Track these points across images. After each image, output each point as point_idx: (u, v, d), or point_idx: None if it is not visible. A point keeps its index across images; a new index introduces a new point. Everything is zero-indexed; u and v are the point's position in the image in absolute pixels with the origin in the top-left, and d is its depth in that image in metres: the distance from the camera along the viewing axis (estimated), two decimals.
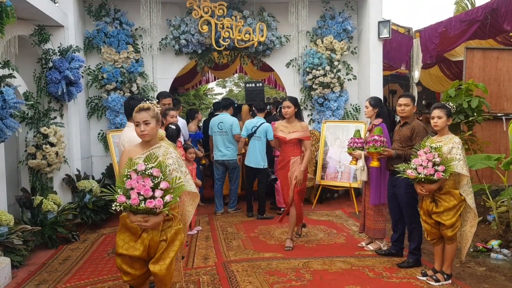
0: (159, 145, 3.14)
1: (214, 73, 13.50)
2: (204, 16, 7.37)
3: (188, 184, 3.15)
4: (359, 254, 5.06)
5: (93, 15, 7.47)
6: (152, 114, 3.06)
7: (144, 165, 2.80)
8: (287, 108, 5.16)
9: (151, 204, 2.70)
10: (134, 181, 2.74)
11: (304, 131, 5.20)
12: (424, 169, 3.91)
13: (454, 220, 4.01)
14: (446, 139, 4.10)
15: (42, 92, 6.17)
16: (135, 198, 2.70)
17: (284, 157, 5.29)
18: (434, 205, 4.09)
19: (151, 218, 2.81)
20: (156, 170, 2.79)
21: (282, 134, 5.25)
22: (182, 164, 3.17)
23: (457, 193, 4.02)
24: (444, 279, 4.11)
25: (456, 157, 3.95)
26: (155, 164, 2.83)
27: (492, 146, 7.32)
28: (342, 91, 8.04)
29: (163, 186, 2.77)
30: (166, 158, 3.05)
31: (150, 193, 2.72)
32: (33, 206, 5.49)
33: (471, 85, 6.79)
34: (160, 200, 2.72)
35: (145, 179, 2.75)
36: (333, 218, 6.77)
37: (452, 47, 8.80)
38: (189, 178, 3.17)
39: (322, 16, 8.12)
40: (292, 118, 5.24)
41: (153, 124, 3.07)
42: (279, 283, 4.19)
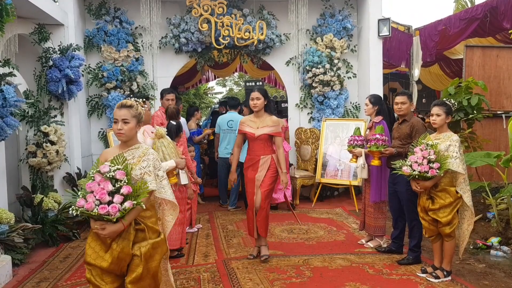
0: (137, 145, 2.84)
1: (214, 72, 13.48)
2: (204, 14, 7.38)
3: (163, 190, 2.83)
4: (359, 251, 5.07)
5: (93, 14, 7.48)
6: (133, 113, 2.78)
7: (108, 167, 2.54)
8: (256, 100, 4.62)
9: (103, 210, 2.43)
10: (95, 183, 2.50)
11: (275, 126, 4.65)
12: (419, 166, 3.92)
13: (450, 217, 4.01)
14: (445, 136, 4.11)
15: (43, 90, 6.17)
16: (90, 203, 2.45)
17: (253, 156, 4.72)
18: (430, 202, 4.11)
19: (108, 226, 2.52)
20: (119, 173, 2.52)
21: (249, 129, 4.66)
22: (160, 167, 2.84)
23: (453, 190, 4.03)
24: (444, 275, 4.12)
25: (453, 155, 3.96)
26: (121, 166, 2.56)
27: (492, 144, 7.33)
28: (342, 89, 8.04)
29: (124, 191, 2.48)
30: (141, 160, 2.75)
31: (107, 198, 2.46)
32: (33, 205, 5.50)
33: (470, 83, 6.80)
34: (115, 207, 2.44)
35: (105, 182, 2.50)
36: (333, 216, 6.78)
37: (451, 45, 8.81)
38: (165, 183, 2.84)
39: (322, 14, 8.12)
40: (261, 111, 4.69)
41: (133, 124, 2.78)
42: (279, 280, 4.20)
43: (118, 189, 2.50)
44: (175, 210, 3.01)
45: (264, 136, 4.63)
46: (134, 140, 2.87)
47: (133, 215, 2.59)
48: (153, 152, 2.84)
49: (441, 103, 4.17)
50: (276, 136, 4.68)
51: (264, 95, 4.64)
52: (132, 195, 2.53)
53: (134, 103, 2.83)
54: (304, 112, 8.27)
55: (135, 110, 2.80)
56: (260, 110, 4.69)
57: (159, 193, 2.80)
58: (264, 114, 4.70)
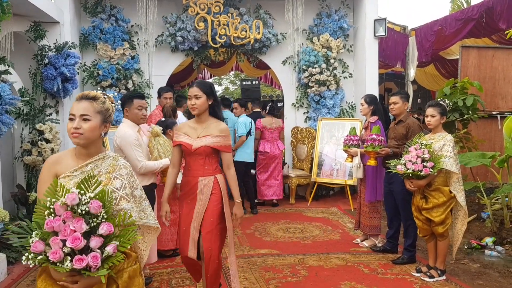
0: (103, 155, 2.10)
1: (210, 71, 13.48)
2: (200, 13, 7.37)
3: (144, 214, 2.16)
4: (354, 250, 5.09)
5: (89, 12, 7.45)
6: (97, 108, 2.06)
7: (77, 196, 1.79)
8: (194, 99, 3.25)
9: (80, 264, 1.70)
10: (58, 221, 1.75)
11: (222, 136, 3.28)
12: (413, 164, 3.96)
13: (443, 217, 4.04)
14: (439, 136, 4.13)
15: (38, 88, 6.15)
16: (57, 252, 1.70)
17: (189, 178, 3.35)
18: (424, 201, 4.13)
19: (81, 280, 1.80)
20: (95, 205, 1.79)
21: (186, 139, 3.30)
22: (137, 184, 2.14)
23: (447, 190, 4.05)
24: (438, 275, 4.15)
25: (447, 154, 3.98)
26: (93, 194, 1.83)
27: (487, 144, 7.36)
28: (338, 89, 8.06)
29: (103, 231, 1.78)
30: (111, 177, 2.04)
31: (82, 244, 1.72)
32: (28, 203, 5.48)
33: (466, 83, 6.83)
34: (97, 256, 1.73)
35: (76, 220, 1.76)
36: (329, 215, 6.79)
37: (447, 45, 8.84)
38: (146, 206, 2.17)
39: (318, 14, 8.13)
40: (204, 115, 3.32)
41: (95, 122, 2.03)
42: (275, 279, 4.21)
43: (94, 228, 1.79)
44: (157, 232, 2.30)
45: (205, 149, 3.25)
46: (98, 146, 2.12)
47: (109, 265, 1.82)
48: (125, 163, 2.14)
49: (436, 104, 4.19)
50: (224, 152, 3.32)
51: (207, 92, 3.27)
52: (112, 235, 1.83)
53: (100, 95, 2.12)
54: (300, 112, 8.28)
55: (101, 104, 2.08)
56: (202, 114, 3.30)
57: (140, 218, 2.12)
58: (208, 119, 3.34)
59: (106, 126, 2.10)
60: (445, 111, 4.18)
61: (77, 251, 1.73)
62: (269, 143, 7.35)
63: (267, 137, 7.36)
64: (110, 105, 2.14)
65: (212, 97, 3.31)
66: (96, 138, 2.07)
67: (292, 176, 7.59)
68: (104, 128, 2.10)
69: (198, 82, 3.35)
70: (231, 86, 25.45)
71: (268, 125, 7.35)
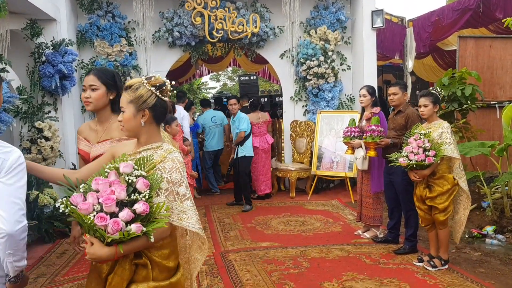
0: (156, 145, 2.01)
1: (208, 66, 13.47)
2: (197, 7, 7.35)
3: (184, 216, 1.93)
4: (356, 242, 5.10)
5: (85, 9, 7.42)
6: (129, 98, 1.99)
7: (131, 167, 1.80)
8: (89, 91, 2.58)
9: (100, 221, 1.66)
10: (105, 182, 1.76)
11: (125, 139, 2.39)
12: (415, 155, 3.96)
13: (447, 204, 4.06)
14: (435, 125, 4.16)
15: (36, 86, 6.13)
16: (89, 204, 1.70)
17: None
18: (427, 190, 4.14)
19: (96, 244, 1.72)
20: (143, 182, 1.77)
21: (84, 146, 2.67)
22: (181, 181, 1.95)
23: (451, 177, 4.06)
24: (441, 264, 4.16)
25: (446, 141, 4.01)
26: (145, 174, 1.82)
27: (486, 134, 7.36)
28: (337, 81, 8.04)
29: (138, 208, 1.72)
30: (164, 168, 1.94)
31: (113, 207, 1.70)
32: (29, 201, 5.47)
33: (464, 73, 6.82)
34: (118, 222, 1.67)
35: (119, 185, 1.75)
36: (329, 208, 6.80)
37: (445, 36, 8.82)
38: (187, 206, 1.95)
39: (315, 7, 8.11)
40: (104, 112, 2.64)
41: (129, 112, 1.98)
42: (277, 271, 4.22)
43: (132, 202, 1.75)
44: (204, 244, 2.11)
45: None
46: (149, 135, 2.03)
47: (134, 246, 1.78)
48: (175, 158, 1.96)
49: (427, 94, 4.20)
50: None
51: (107, 83, 2.59)
52: (147, 218, 1.76)
53: (134, 82, 2.01)
54: (299, 105, 8.27)
55: (131, 92, 1.99)
56: (101, 111, 2.63)
57: (179, 219, 1.92)
58: (110, 118, 2.62)
59: (145, 114, 1.97)
60: (437, 99, 4.19)
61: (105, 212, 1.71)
62: (257, 137, 7.45)
63: (256, 132, 7.45)
64: (144, 91, 1.97)
65: (114, 90, 2.60)
66: (137, 127, 1.99)
67: (292, 170, 7.59)
68: (143, 116, 1.97)
69: (96, 69, 2.71)
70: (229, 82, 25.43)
71: (255, 120, 7.44)
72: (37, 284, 4.18)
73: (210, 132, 8.26)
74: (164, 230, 1.87)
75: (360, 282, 3.91)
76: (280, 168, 7.82)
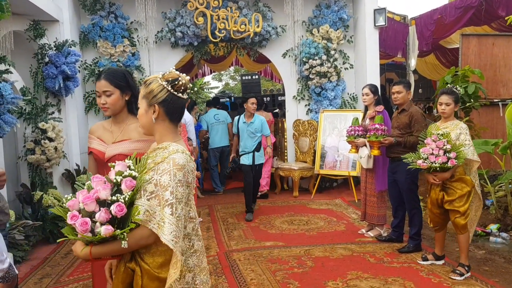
0: (165, 144, 1.87)
1: (210, 66, 13.48)
2: (199, 7, 7.36)
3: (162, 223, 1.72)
4: (360, 241, 5.10)
5: (88, 9, 7.43)
6: (143, 93, 1.92)
7: (124, 166, 1.76)
8: (104, 97, 2.53)
9: (70, 220, 1.64)
10: (99, 181, 1.73)
11: (145, 140, 2.50)
12: (437, 157, 3.80)
13: (466, 206, 3.90)
14: (452, 125, 4.01)
15: (39, 87, 6.15)
16: (75, 201, 1.69)
17: None
18: (444, 193, 3.99)
19: (78, 241, 1.74)
20: (127, 182, 1.70)
21: (99, 145, 2.61)
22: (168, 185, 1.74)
23: (469, 179, 3.92)
24: (466, 271, 3.95)
25: (465, 143, 3.86)
26: (136, 173, 1.74)
27: (489, 132, 7.35)
28: (339, 80, 8.04)
29: (114, 210, 1.65)
30: (151, 167, 1.82)
31: (92, 207, 1.66)
32: (33, 202, 5.49)
33: (467, 71, 6.81)
34: (86, 223, 1.62)
35: (105, 184, 1.72)
36: (333, 207, 6.80)
37: (447, 34, 8.81)
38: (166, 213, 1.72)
39: (317, 5, 8.11)
40: (121, 113, 2.60)
41: (142, 108, 1.92)
42: (281, 270, 4.23)
43: (112, 203, 1.68)
44: (176, 263, 1.73)
45: (121, 158, 2.14)
46: (160, 133, 1.93)
47: (107, 249, 1.70)
48: (172, 159, 1.79)
49: (450, 92, 4.05)
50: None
51: (120, 86, 2.53)
52: (126, 221, 1.70)
53: (149, 78, 1.94)
54: (301, 104, 8.27)
55: (145, 88, 1.92)
56: (120, 112, 2.59)
57: (158, 226, 1.73)
58: (128, 119, 2.61)
59: (155, 109, 1.87)
60: (458, 99, 4.07)
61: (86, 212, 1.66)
62: None
63: None
64: (156, 85, 1.87)
65: (128, 91, 2.56)
66: (149, 123, 1.91)
67: (295, 169, 7.59)
68: (154, 112, 1.87)
69: (106, 73, 2.54)
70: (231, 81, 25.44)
71: None
72: (42, 285, 4.19)
73: (213, 129, 8.37)
74: (142, 237, 1.73)
75: (365, 281, 3.91)
76: (283, 167, 7.82)
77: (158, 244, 1.76)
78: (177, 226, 1.72)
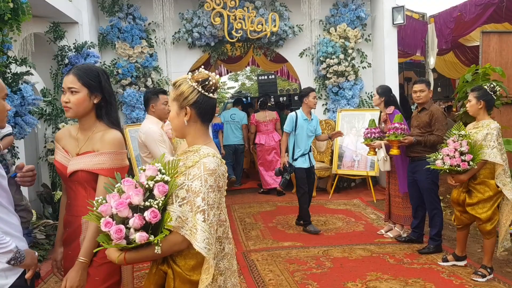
0: (195, 148, 1.84)
1: (227, 66, 13.49)
2: (216, 8, 7.37)
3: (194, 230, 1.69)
4: (379, 241, 5.05)
5: (107, 11, 7.51)
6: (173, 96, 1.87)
7: (155, 170, 1.70)
8: (68, 94, 2.13)
9: (105, 227, 1.62)
10: (131, 184, 1.69)
11: (108, 153, 2.10)
12: (450, 159, 3.73)
13: (490, 213, 3.78)
14: (483, 124, 3.90)
15: (59, 88, 6.23)
16: (107, 206, 1.66)
17: (69, 217, 2.25)
18: (467, 195, 3.90)
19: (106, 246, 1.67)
20: (160, 187, 1.66)
21: (61, 157, 2.20)
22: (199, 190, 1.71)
23: (493, 183, 3.77)
24: (488, 273, 3.90)
25: (490, 144, 3.72)
26: (168, 178, 1.70)
27: (511, 130, 7.21)
28: (357, 79, 7.98)
29: (146, 216, 1.62)
30: (182, 171, 1.78)
31: (125, 213, 1.63)
32: (54, 201, 5.57)
33: (488, 69, 6.68)
34: (121, 230, 1.60)
35: (137, 189, 1.68)
36: (351, 207, 6.75)
37: (467, 31, 8.66)
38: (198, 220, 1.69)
39: (334, 4, 8.06)
40: (87, 119, 2.19)
41: (173, 111, 1.88)
42: (300, 271, 4.21)
43: (146, 208, 1.65)
44: (211, 267, 1.72)
45: (83, 175, 2.10)
46: (192, 135, 1.88)
47: (142, 255, 1.69)
48: (203, 164, 1.75)
49: (474, 89, 3.95)
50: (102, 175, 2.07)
51: (89, 85, 2.13)
52: (159, 227, 1.66)
53: (178, 79, 1.88)
54: (319, 104, 8.18)
55: (175, 90, 1.86)
56: (84, 117, 2.19)
57: (191, 233, 1.70)
58: (94, 126, 2.19)
59: (187, 112, 1.83)
60: (483, 95, 3.89)
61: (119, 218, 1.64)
62: (264, 135, 8.15)
63: (263, 130, 8.18)
64: (186, 87, 1.83)
65: (98, 93, 2.16)
66: (181, 126, 1.86)
67: None
68: (186, 114, 1.83)
69: (77, 68, 2.18)
70: (247, 81, 25.44)
71: (261, 119, 8.19)
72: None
73: (227, 126, 8.68)
74: (175, 243, 1.71)
75: (384, 282, 3.87)
76: None
77: (190, 247, 1.74)
78: (210, 233, 1.70)
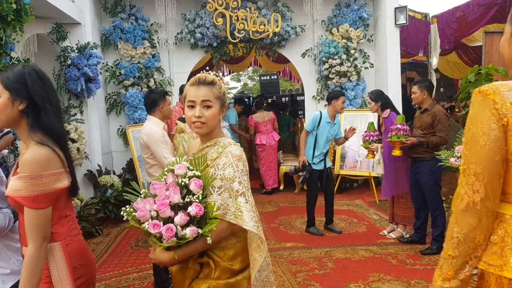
0: (214, 141, 1.91)
1: (229, 67, 13.50)
2: (218, 8, 7.37)
3: (239, 213, 1.77)
4: (381, 242, 5.05)
5: (109, 12, 7.52)
6: (216, 94, 1.88)
7: (185, 168, 1.74)
8: None
9: (154, 229, 1.63)
10: (162, 187, 1.73)
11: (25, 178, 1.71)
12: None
13: None
14: None
15: (62, 89, 6.24)
16: (145, 211, 1.67)
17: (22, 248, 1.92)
18: None
19: (158, 249, 1.68)
20: (196, 183, 1.71)
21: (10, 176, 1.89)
22: (234, 176, 1.80)
23: None
24: None
25: None
26: (199, 173, 1.75)
27: None
28: (359, 79, 7.98)
29: (192, 211, 1.66)
30: (210, 164, 1.84)
31: (167, 212, 1.66)
32: None
33: (491, 69, 6.65)
34: (171, 229, 1.63)
35: (173, 189, 1.71)
36: (353, 208, 6.75)
37: (470, 32, 8.65)
38: (241, 202, 1.78)
39: (337, 5, 8.05)
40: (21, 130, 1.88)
41: (216, 109, 1.87)
42: (302, 271, 4.21)
43: (186, 204, 1.69)
44: (262, 243, 1.82)
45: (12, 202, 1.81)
46: (216, 131, 1.95)
47: (192, 249, 1.73)
48: (229, 152, 1.84)
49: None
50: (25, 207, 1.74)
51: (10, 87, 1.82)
52: (202, 219, 1.70)
53: (217, 79, 1.91)
54: (321, 104, 8.22)
55: (219, 89, 1.90)
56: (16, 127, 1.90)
57: (235, 217, 1.76)
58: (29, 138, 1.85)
59: (223, 111, 1.93)
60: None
61: (162, 219, 1.67)
62: (264, 135, 8.25)
63: (262, 130, 8.27)
64: (224, 88, 1.94)
65: (23, 98, 1.83)
66: (217, 124, 1.92)
67: None
68: (221, 113, 1.92)
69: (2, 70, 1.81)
70: (249, 81, 25.46)
71: (260, 120, 8.29)
72: None
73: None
74: (221, 230, 1.76)
75: (387, 283, 3.87)
76: None
77: (227, 238, 1.83)
78: (254, 212, 1.80)
